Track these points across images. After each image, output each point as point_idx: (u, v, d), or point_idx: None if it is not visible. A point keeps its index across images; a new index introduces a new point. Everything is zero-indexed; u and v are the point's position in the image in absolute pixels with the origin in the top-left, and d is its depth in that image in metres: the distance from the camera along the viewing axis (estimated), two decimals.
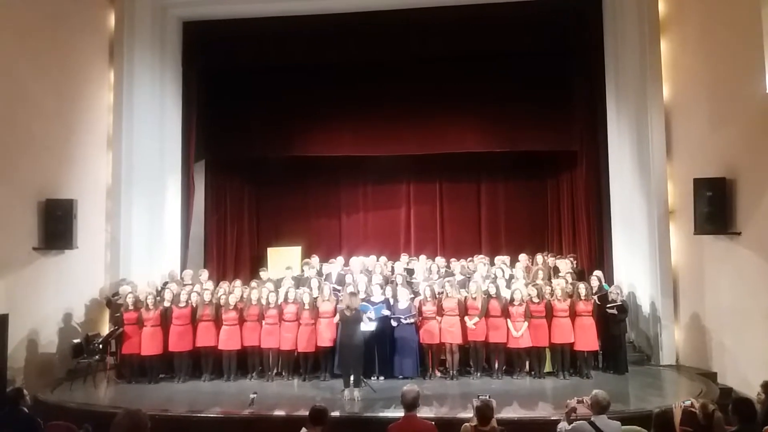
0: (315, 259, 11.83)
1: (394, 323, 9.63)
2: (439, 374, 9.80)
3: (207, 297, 10.03)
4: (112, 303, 10.65)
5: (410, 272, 11.19)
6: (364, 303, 9.35)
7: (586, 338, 9.52)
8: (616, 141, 11.48)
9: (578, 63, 12.36)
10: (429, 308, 9.70)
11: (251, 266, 14.35)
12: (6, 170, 9.44)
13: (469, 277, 10.69)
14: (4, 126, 9.40)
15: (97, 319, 11.23)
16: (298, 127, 13.42)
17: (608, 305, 9.70)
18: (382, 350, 9.67)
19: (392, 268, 11.45)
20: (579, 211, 12.87)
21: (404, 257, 12.11)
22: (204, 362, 9.97)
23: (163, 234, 12.16)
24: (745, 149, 8.97)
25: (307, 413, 5.40)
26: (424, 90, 13.02)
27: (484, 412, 5.20)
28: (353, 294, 9.24)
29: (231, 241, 14.42)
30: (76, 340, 10.30)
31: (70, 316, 10.69)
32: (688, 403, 5.35)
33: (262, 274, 11.37)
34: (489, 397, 5.46)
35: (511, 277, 10.62)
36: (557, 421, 5.74)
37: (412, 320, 9.68)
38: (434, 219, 14.78)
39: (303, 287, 10.24)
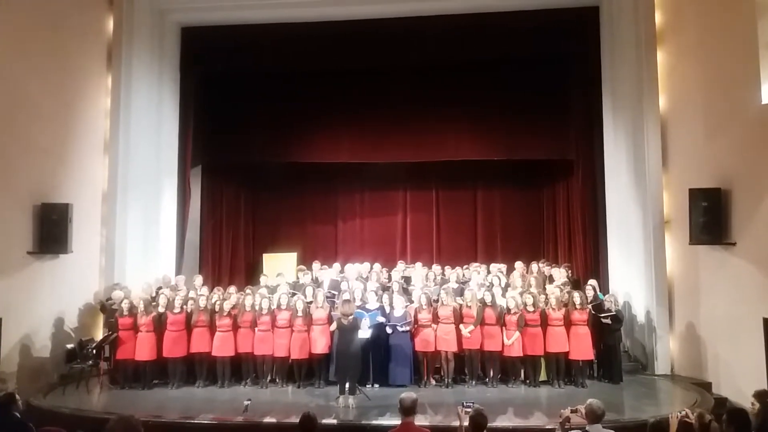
0: (316, 265, 11.82)
1: (389, 330, 9.61)
2: (434, 382, 9.76)
3: (202, 303, 9.99)
4: (106, 308, 10.62)
5: (407, 280, 11.18)
6: (359, 310, 9.32)
7: (581, 347, 9.51)
8: (612, 150, 11.51)
9: (575, 72, 12.40)
10: (424, 316, 9.68)
11: (246, 272, 14.35)
12: (2, 173, 9.44)
13: (464, 284, 10.68)
14: (0, 129, 9.38)
15: (91, 324, 11.19)
16: (295, 133, 13.44)
17: (602, 315, 9.71)
18: (377, 358, 9.63)
19: (389, 275, 11.44)
20: (575, 219, 12.88)
21: (401, 264, 12.11)
22: (198, 368, 9.92)
23: (158, 239, 12.13)
24: (741, 159, 9.00)
25: None
26: (422, 97, 13.06)
27: (479, 421, 5.17)
28: (347, 301, 9.22)
29: (226, 246, 14.38)
30: (69, 345, 10.26)
31: (63, 320, 10.64)
32: (683, 413, 5.33)
33: (262, 280, 11.30)
34: (474, 404, 5.43)
35: (507, 285, 10.62)
36: (552, 430, 5.74)
37: (407, 328, 9.66)
38: (430, 226, 14.79)
39: (297, 294, 10.21)
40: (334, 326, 9.27)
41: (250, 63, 13.00)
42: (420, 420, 7.08)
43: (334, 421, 7.80)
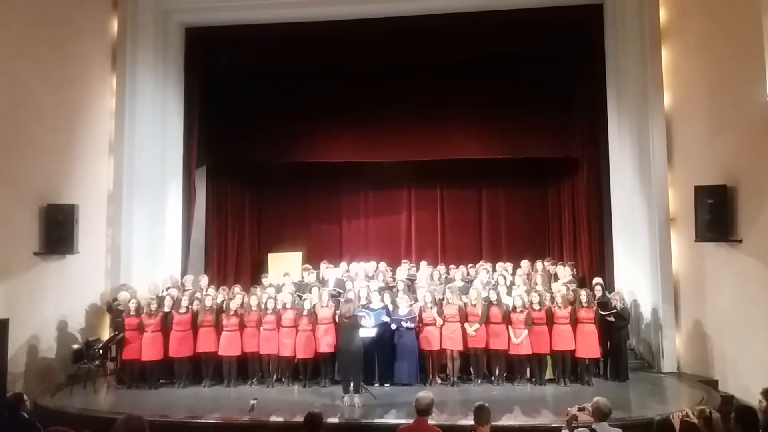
0: (323, 265, 11.83)
1: (393, 326, 9.60)
2: (439, 381, 9.77)
3: (208, 303, 10.02)
4: (112, 308, 10.65)
5: (411, 279, 11.17)
6: (363, 309, 9.33)
7: (588, 345, 9.50)
8: (617, 148, 11.49)
9: (580, 70, 12.39)
10: (430, 315, 9.68)
11: (252, 272, 14.35)
12: (8, 174, 9.44)
13: (469, 282, 10.68)
14: (6, 130, 9.41)
15: (98, 325, 11.22)
16: (299, 133, 13.46)
17: (606, 312, 9.69)
18: (382, 356, 9.64)
19: (393, 275, 11.44)
20: (580, 217, 12.85)
21: (405, 264, 12.11)
22: (204, 368, 9.95)
23: (164, 239, 12.16)
24: (746, 157, 8.97)
25: None
26: (426, 96, 13.07)
27: (478, 416, 5.24)
28: (348, 300, 9.22)
29: (232, 246, 14.40)
30: (76, 345, 10.29)
31: (70, 321, 10.66)
32: (683, 413, 5.33)
33: (264, 281, 11.33)
34: (487, 405, 5.46)
35: (512, 283, 10.61)
36: (558, 429, 5.74)
37: (412, 324, 9.66)
38: (435, 225, 14.77)
39: (304, 293, 10.22)
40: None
41: (254, 63, 13.03)
42: None
43: (339, 420, 7.80)
